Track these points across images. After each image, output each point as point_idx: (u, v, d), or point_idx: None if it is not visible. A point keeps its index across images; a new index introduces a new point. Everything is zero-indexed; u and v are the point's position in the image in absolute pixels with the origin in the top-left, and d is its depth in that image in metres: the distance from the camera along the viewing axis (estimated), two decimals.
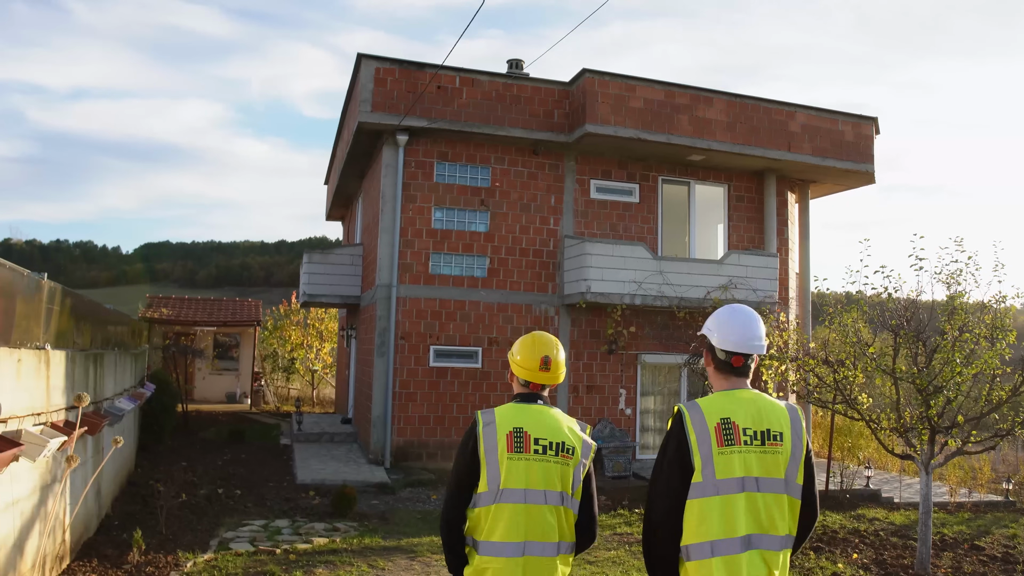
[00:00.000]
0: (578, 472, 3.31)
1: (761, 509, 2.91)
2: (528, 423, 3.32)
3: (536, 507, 3.21)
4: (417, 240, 14.70)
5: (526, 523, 3.18)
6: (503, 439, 3.27)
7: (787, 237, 17.11)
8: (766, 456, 2.95)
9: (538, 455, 3.25)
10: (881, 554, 9.77)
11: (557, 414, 3.43)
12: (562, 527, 3.26)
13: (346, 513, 10.25)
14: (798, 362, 11.62)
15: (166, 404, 15.23)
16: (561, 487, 3.27)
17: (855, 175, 16.79)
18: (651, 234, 15.99)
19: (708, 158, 15.81)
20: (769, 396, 3.11)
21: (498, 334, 14.93)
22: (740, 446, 2.93)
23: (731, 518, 2.87)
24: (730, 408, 3.02)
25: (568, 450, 3.30)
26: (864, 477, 13.79)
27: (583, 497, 3.36)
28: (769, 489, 2.94)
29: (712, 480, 2.91)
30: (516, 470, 3.22)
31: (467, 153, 15.07)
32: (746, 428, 2.97)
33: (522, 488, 3.21)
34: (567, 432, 3.35)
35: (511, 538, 3.17)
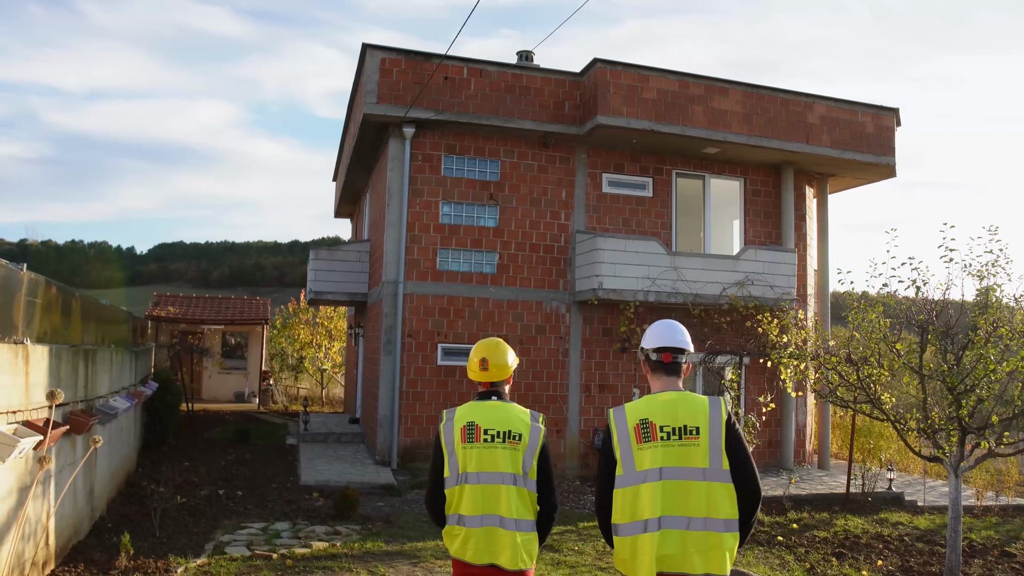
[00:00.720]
0: (528, 456, 3.87)
1: (678, 495, 3.35)
2: (479, 417, 3.92)
3: (491, 487, 3.80)
4: (424, 235, 14.34)
5: (483, 500, 3.78)
6: (458, 432, 3.91)
7: (805, 232, 16.64)
8: (683, 449, 3.40)
9: (487, 443, 3.84)
10: (907, 560, 9.33)
11: (508, 407, 3.98)
12: (517, 504, 3.80)
13: (349, 516, 9.91)
14: (819, 360, 11.18)
15: (169, 403, 14.95)
16: (512, 469, 3.83)
17: (875, 168, 16.29)
18: (665, 229, 15.56)
19: (723, 151, 15.37)
20: (692, 393, 3.56)
21: (508, 332, 14.55)
22: (657, 442, 3.42)
23: (647, 504, 3.37)
24: (650, 410, 3.50)
25: (515, 437, 3.88)
26: (886, 479, 13.32)
27: (539, 475, 3.89)
28: (686, 477, 3.38)
29: (632, 472, 3.44)
30: (470, 457, 3.84)
31: (475, 146, 14.70)
32: (663, 426, 3.44)
33: (475, 471, 3.82)
34: (515, 422, 3.91)
35: (471, 512, 3.79)
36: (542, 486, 3.90)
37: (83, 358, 8.07)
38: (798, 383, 14.16)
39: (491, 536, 3.77)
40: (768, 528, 10.73)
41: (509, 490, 3.81)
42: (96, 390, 8.74)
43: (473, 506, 3.80)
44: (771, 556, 9.39)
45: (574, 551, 9.25)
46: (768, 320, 13.66)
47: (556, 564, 8.51)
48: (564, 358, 14.76)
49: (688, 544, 3.33)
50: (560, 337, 14.79)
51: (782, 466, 15.38)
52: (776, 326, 13.53)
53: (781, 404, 15.39)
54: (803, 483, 13.76)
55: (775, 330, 13.39)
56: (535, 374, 14.58)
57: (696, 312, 14.43)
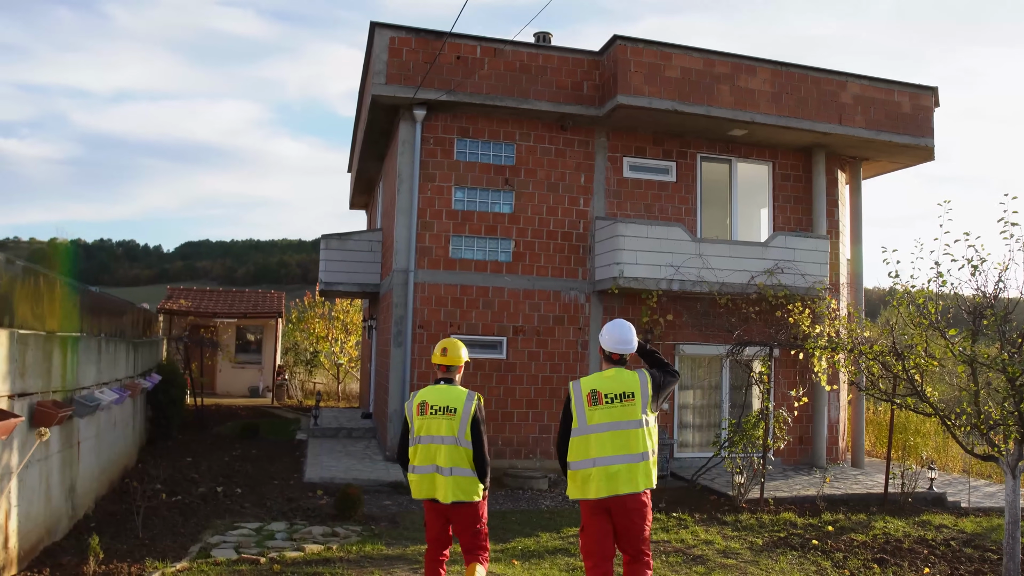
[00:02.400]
0: (463, 421, 5.31)
1: (619, 441, 4.93)
2: (430, 397, 5.44)
3: (435, 446, 5.33)
4: (436, 222, 13.69)
5: (431, 455, 5.31)
6: (415, 408, 5.48)
7: (837, 220, 15.77)
8: (624, 408, 4.97)
9: (433, 415, 5.36)
10: (956, 568, 8.53)
11: (451, 389, 5.47)
12: (453, 458, 5.29)
13: (351, 515, 9.29)
14: (857, 350, 10.39)
15: (174, 397, 14.46)
16: (448, 432, 5.30)
17: (912, 150, 15.38)
18: (689, 215, 14.79)
19: (751, 133, 14.56)
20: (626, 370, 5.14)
21: (524, 323, 13.87)
22: (603, 405, 4.98)
23: (595, 447, 4.94)
24: (597, 383, 5.08)
25: (452, 410, 5.35)
26: (927, 479, 12.47)
27: (473, 438, 5.35)
28: (626, 428, 4.95)
29: (584, 425, 5.01)
30: (422, 425, 5.38)
31: (490, 129, 14.02)
32: (607, 394, 5.01)
33: (425, 434, 5.36)
34: (453, 400, 5.38)
35: (422, 463, 5.37)
36: (475, 444, 5.39)
37: (60, 346, 7.50)
38: (832, 376, 13.36)
39: (431, 479, 5.35)
40: (802, 531, 9.96)
41: (449, 448, 5.32)
42: (78, 381, 8.18)
43: (424, 459, 5.40)
44: (806, 562, 8.63)
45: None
46: (799, 310, 12.87)
47: (572, 570, 7.84)
48: (583, 350, 14.05)
49: (632, 472, 4.93)
50: (579, 328, 14.08)
51: (814, 464, 14.56)
52: (808, 316, 12.74)
53: (813, 399, 14.57)
54: (837, 482, 12.96)
55: (807, 320, 12.60)
56: (552, 367, 13.88)
57: (723, 301, 13.66)
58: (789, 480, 13.06)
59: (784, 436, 11.77)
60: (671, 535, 9.52)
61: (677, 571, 8.01)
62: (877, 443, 17.92)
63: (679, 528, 9.90)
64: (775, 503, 11.31)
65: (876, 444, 17.90)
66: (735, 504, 11.20)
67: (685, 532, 9.72)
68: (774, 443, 11.66)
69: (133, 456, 12.25)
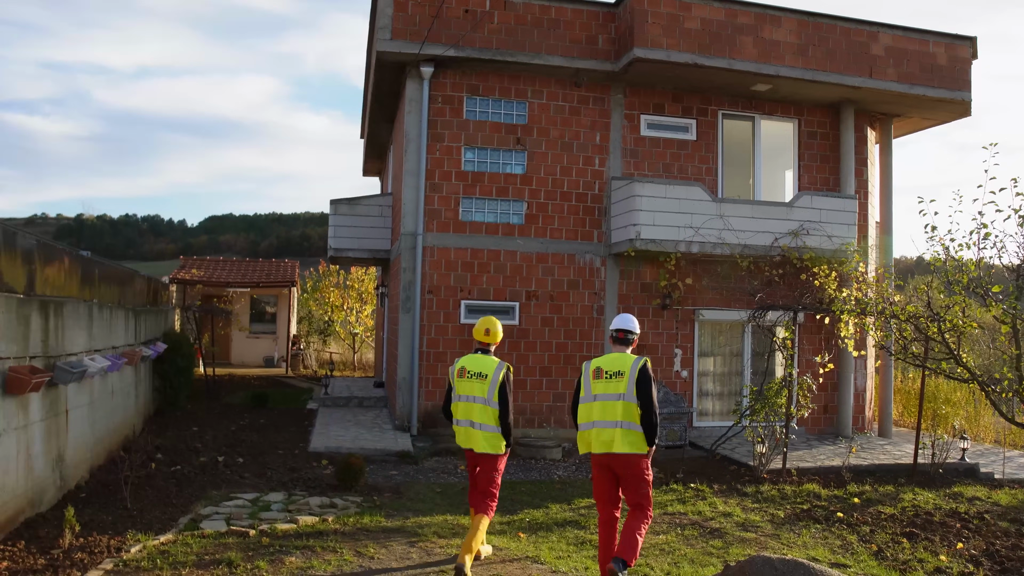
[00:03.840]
0: (492, 385, 6.39)
1: (606, 410, 5.87)
2: (468, 364, 6.56)
3: (470, 404, 6.45)
4: (446, 184, 13.19)
5: (468, 412, 6.46)
6: (456, 372, 6.58)
7: (866, 179, 15.05)
8: (613, 383, 5.88)
9: (470, 378, 6.47)
10: (991, 543, 8.00)
11: (486, 358, 6.56)
12: (484, 415, 6.40)
13: (352, 486, 8.93)
14: (886, 314, 9.80)
15: (181, 366, 14.17)
16: (481, 393, 6.41)
17: (948, 105, 14.58)
18: (710, 175, 14.15)
19: (775, 88, 13.85)
20: (626, 354, 6.03)
21: (537, 287, 13.38)
22: (603, 380, 5.94)
23: (594, 413, 5.94)
24: (602, 362, 6.03)
25: (484, 376, 6.44)
26: (959, 449, 11.89)
27: (500, 398, 6.40)
28: (609, 399, 5.87)
29: (588, 395, 6.01)
30: (461, 386, 6.52)
31: (500, 86, 13.44)
32: (607, 371, 5.94)
33: (464, 394, 6.50)
34: (486, 366, 6.49)
35: (462, 418, 6.52)
36: (501, 405, 6.41)
37: (40, 310, 7.13)
38: (860, 341, 12.76)
39: (467, 432, 6.50)
40: (826, 503, 9.46)
41: (482, 407, 6.41)
42: (64, 347, 7.83)
43: (463, 414, 6.50)
44: (831, 536, 8.14)
45: None
46: (825, 273, 12.26)
47: (580, 543, 7.41)
48: (599, 316, 13.55)
49: (616, 436, 5.79)
50: (595, 293, 13.57)
51: (840, 433, 14.00)
52: (835, 279, 12.13)
53: (839, 366, 13.99)
54: (863, 452, 12.42)
55: (833, 283, 12.00)
56: (567, 333, 13.41)
57: (744, 264, 13.07)
58: (813, 450, 12.54)
59: (808, 404, 11.23)
60: (688, 507, 9.07)
61: (693, 544, 7.56)
62: (906, 412, 17.30)
63: (696, 499, 9.44)
64: (798, 474, 10.81)
65: (904, 413, 17.29)
66: (756, 475, 10.72)
67: (703, 504, 9.27)
68: (797, 411, 11.13)
69: (137, 426, 11.98)
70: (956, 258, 7.01)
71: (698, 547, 7.50)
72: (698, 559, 7.05)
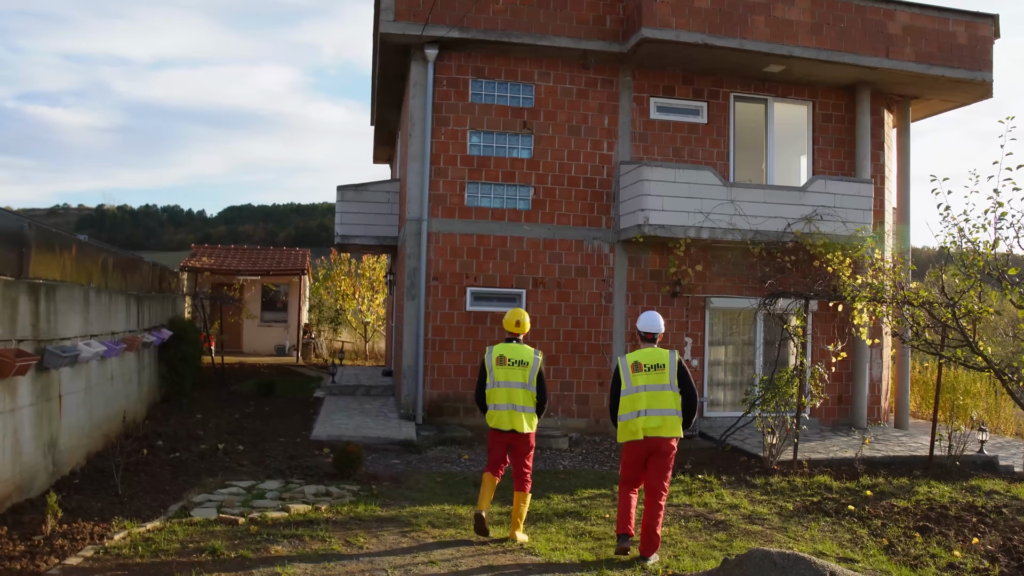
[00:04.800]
0: (532, 372, 6.93)
1: (654, 399, 6.55)
2: (507, 352, 7.01)
3: (512, 389, 6.90)
4: (451, 168, 12.96)
5: (508, 396, 6.90)
6: (495, 359, 7.02)
7: (883, 164, 14.66)
8: (655, 374, 6.58)
9: (510, 366, 6.94)
10: (1009, 538, 7.72)
11: (522, 347, 7.05)
12: (526, 399, 6.92)
13: (350, 474, 8.77)
14: (898, 299, 9.49)
15: (186, 353, 14.08)
16: (521, 379, 6.92)
17: (968, 86, 14.14)
18: (721, 160, 13.83)
19: (789, 69, 13.49)
20: (659, 348, 6.74)
21: (544, 274, 13.15)
22: (643, 372, 6.61)
23: (636, 403, 6.58)
24: (639, 357, 6.70)
25: (524, 363, 6.95)
26: (977, 441, 11.56)
27: (537, 384, 6.95)
28: (656, 389, 6.56)
29: (631, 387, 6.64)
30: (500, 373, 6.94)
31: (506, 69, 13.18)
32: (646, 364, 6.64)
33: (504, 380, 6.92)
34: (525, 355, 6.99)
35: (504, 402, 6.91)
36: (539, 389, 6.93)
37: (30, 293, 7.00)
38: (875, 330, 12.44)
39: (509, 415, 6.85)
40: (837, 495, 9.20)
41: (521, 391, 6.87)
42: (56, 331, 7.70)
43: (502, 399, 6.88)
44: (840, 529, 7.89)
45: (604, 520, 7.93)
46: (840, 259, 11.93)
47: (579, 535, 7.21)
48: (607, 303, 13.31)
49: (664, 421, 6.48)
50: (603, 280, 13.32)
51: (854, 425, 13.68)
52: (849, 266, 11.80)
53: (853, 355, 13.66)
54: (878, 444, 12.12)
55: (848, 270, 11.68)
56: (575, 321, 13.17)
57: (756, 251, 12.76)
58: (826, 441, 12.25)
59: (820, 394, 10.95)
60: (694, 498, 8.83)
61: (695, 537, 7.34)
62: (923, 404, 16.94)
63: (703, 491, 9.21)
64: (809, 465, 10.54)
65: (922, 405, 16.93)
66: (766, 466, 10.47)
67: (709, 495, 9.03)
68: (809, 401, 10.86)
69: (140, 412, 11.90)
70: (971, 240, 6.69)
71: (701, 540, 7.28)
72: (699, 552, 6.82)
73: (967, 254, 6.80)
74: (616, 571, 6.17)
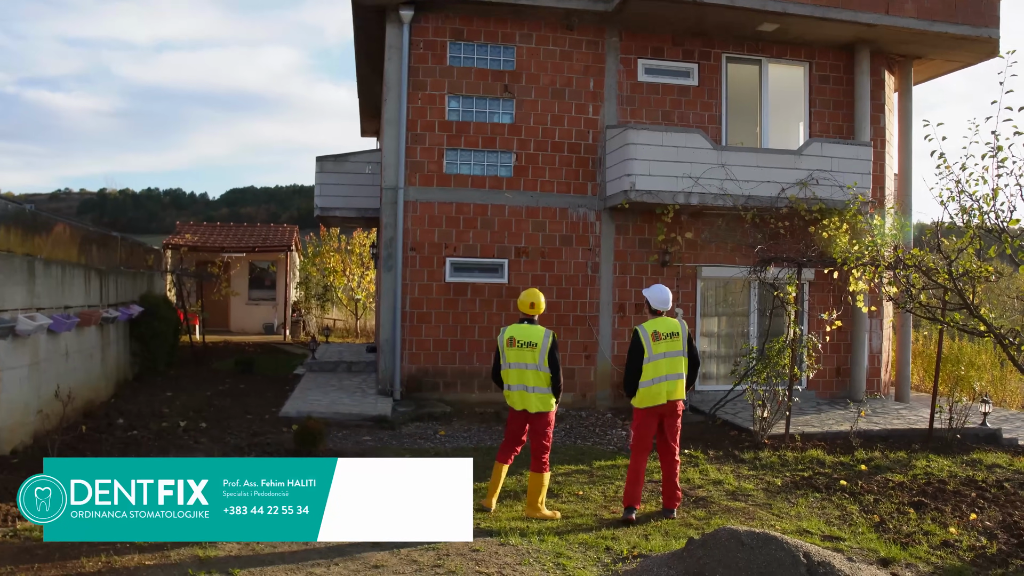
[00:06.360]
0: (542, 352, 6.86)
1: (672, 364, 6.92)
2: (517, 333, 6.97)
3: (522, 370, 6.91)
4: (428, 134, 12.40)
5: (519, 377, 6.92)
6: (506, 341, 7.00)
7: (883, 127, 14.02)
8: (672, 342, 6.94)
9: (520, 347, 6.90)
10: (1010, 513, 7.21)
11: (533, 328, 6.98)
12: (537, 379, 6.89)
13: (311, 451, 8.29)
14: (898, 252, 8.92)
15: (158, 330, 13.62)
16: (532, 360, 6.87)
17: (972, 44, 13.45)
18: (713, 124, 13.21)
19: (783, 27, 12.83)
20: (671, 318, 7.10)
21: (527, 243, 12.60)
22: (662, 340, 6.93)
23: (661, 369, 6.87)
24: (656, 326, 6.99)
25: (533, 344, 6.89)
26: (979, 413, 11.04)
27: (550, 363, 6.88)
28: (674, 355, 6.93)
29: (651, 355, 6.88)
30: (512, 354, 6.93)
31: (486, 30, 12.57)
32: (663, 333, 6.96)
33: (515, 361, 6.93)
34: (535, 336, 6.92)
35: (515, 383, 6.94)
36: (552, 369, 6.86)
37: None
38: (873, 298, 11.87)
39: (522, 395, 6.90)
40: (829, 470, 8.70)
41: (533, 372, 6.84)
42: None
43: (514, 379, 6.91)
44: (829, 506, 7.39)
45: (577, 496, 7.46)
46: (836, 225, 11.35)
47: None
48: (594, 273, 12.77)
49: (679, 386, 6.96)
50: (589, 249, 12.77)
51: (852, 398, 13.14)
52: (846, 231, 11.22)
53: (852, 326, 13.12)
54: (876, 416, 11.60)
55: (845, 236, 11.09)
56: (559, 292, 12.64)
57: (748, 217, 12.19)
58: (822, 414, 11.74)
59: (814, 364, 10.43)
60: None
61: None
62: (926, 377, 16.38)
63: (687, 466, 8.71)
64: (802, 439, 10.03)
65: (925, 378, 16.37)
66: (756, 440, 9.96)
67: (693, 471, 8.54)
68: (802, 372, 10.33)
69: (104, 390, 11.44)
70: (970, 193, 6.12)
71: (677, 518, 6.78)
72: (673, 531, 6.33)
73: (965, 209, 6.23)
74: (578, 551, 5.68)
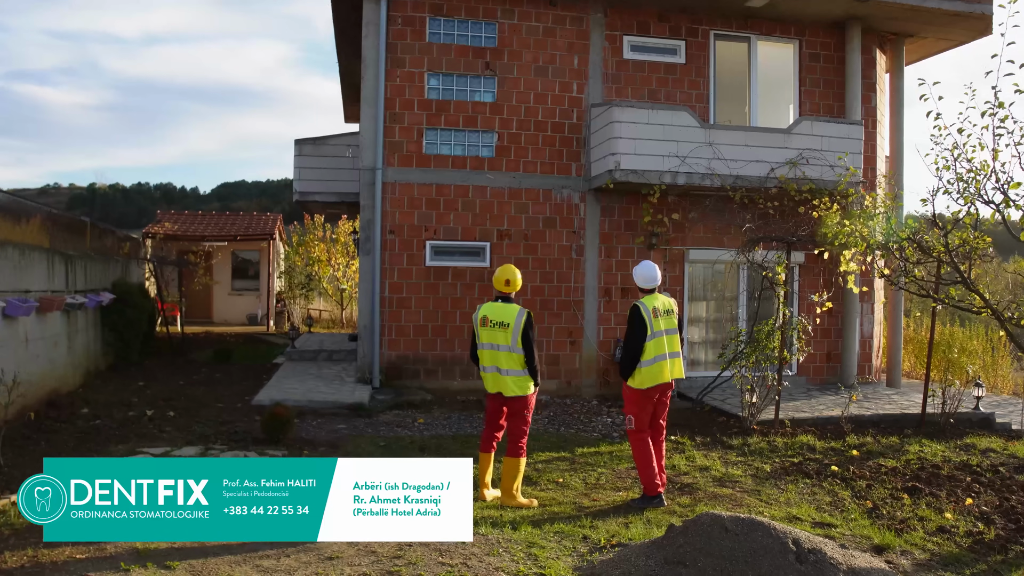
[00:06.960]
0: (515, 333, 6.48)
1: (672, 342, 6.70)
2: (490, 312, 6.62)
3: (494, 351, 6.57)
4: (407, 113, 12.00)
5: (491, 358, 6.59)
6: (479, 320, 6.65)
7: (875, 107, 13.70)
8: (669, 319, 6.73)
9: (492, 327, 6.56)
10: (1006, 498, 6.91)
11: (507, 306, 6.59)
12: (510, 361, 6.52)
13: (279, 440, 7.96)
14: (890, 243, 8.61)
15: (131, 319, 13.19)
16: (504, 341, 6.51)
17: (965, 21, 13.12)
18: (701, 102, 12.86)
19: (773, 3, 12.46)
20: (664, 295, 6.87)
21: (510, 226, 12.24)
22: (662, 317, 6.66)
23: (660, 347, 6.57)
24: (655, 303, 6.68)
25: (505, 324, 6.52)
26: (972, 398, 10.75)
27: (524, 344, 6.49)
28: (672, 333, 6.74)
29: (654, 332, 6.58)
30: (484, 335, 6.61)
31: (467, 5, 12.16)
32: (662, 309, 6.68)
33: (488, 342, 6.59)
34: (508, 315, 6.53)
35: (488, 364, 6.63)
36: (526, 351, 6.52)
37: None
38: (863, 277, 11.56)
39: (495, 377, 6.63)
40: (820, 455, 8.39)
41: (506, 354, 6.52)
42: None
43: (487, 361, 6.64)
44: (820, 492, 7.08)
45: (555, 484, 7.13)
46: (827, 205, 11.01)
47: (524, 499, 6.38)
48: (579, 256, 12.41)
49: (676, 363, 6.77)
50: (573, 232, 12.41)
51: (843, 383, 12.84)
52: (836, 211, 10.87)
53: (843, 310, 12.81)
54: (868, 402, 11.30)
55: (835, 216, 10.75)
56: (543, 276, 12.29)
57: (737, 197, 11.83)
58: (812, 400, 11.43)
59: (804, 348, 10.10)
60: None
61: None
62: (918, 363, 16.10)
63: (673, 452, 8.39)
64: (792, 425, 9.72)
65: (916, 365, 16.09)
66: (744, 426, 9.65)
67: (679, 457, 8.22)
68: (792, 355, 10.00)
69: (71, 379, 11.03)
70: (968, 158, 5.78)
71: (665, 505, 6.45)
72: (655, 519, 6.00)
73: (961, 176, 5.89)
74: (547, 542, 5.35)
